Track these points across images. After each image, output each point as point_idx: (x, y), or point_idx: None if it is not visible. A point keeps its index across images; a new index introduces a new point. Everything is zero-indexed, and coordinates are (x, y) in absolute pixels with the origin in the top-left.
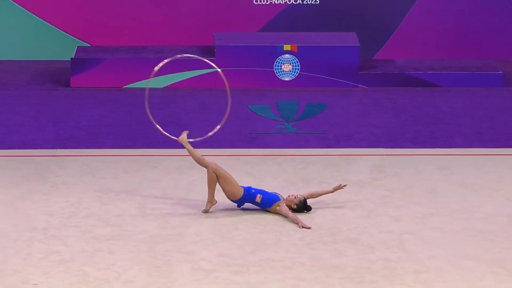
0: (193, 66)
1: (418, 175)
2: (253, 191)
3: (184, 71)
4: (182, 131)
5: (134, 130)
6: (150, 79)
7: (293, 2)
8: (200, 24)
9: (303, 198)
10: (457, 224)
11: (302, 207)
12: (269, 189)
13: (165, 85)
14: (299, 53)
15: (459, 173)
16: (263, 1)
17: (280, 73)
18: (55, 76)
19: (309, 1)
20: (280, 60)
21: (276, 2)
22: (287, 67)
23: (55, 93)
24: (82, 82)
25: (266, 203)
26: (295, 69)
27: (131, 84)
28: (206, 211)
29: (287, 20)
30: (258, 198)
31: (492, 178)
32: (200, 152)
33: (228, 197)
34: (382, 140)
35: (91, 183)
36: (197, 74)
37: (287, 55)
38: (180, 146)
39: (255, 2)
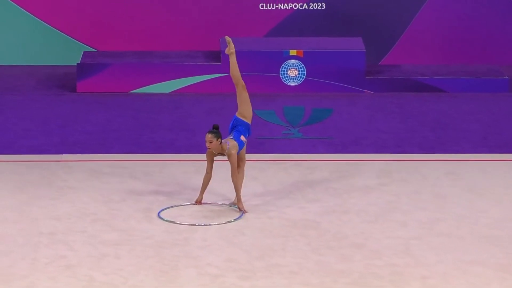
0: (200, 71)
1: (424, 181)
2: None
3: (191, 76)
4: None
5: (140, 135)
6: None
7: (299, 8)
8: (206, 29)
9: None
10: (464, 230)
11: None
12: (275, 194)
13: (172, 90)
14: (305, 58)
15: (465, 179)
16: (269, 7)
17: (286, 78)
18: (61, 81)
19: (315, 6)
20: (286, 65)
21: (282, 7)
22: (293, 72)
23: (61, 98)
24: (89, 87)
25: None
26: (301, 74)
27: (137, 89)
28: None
29: (293, 25)
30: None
31: (499, 183)
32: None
33: (241, 113)
34: (389, 146)
35: (98, 188)
36: (204, 79)
37: (293, 61)
38: (187, 151)
39: (261, 7)
